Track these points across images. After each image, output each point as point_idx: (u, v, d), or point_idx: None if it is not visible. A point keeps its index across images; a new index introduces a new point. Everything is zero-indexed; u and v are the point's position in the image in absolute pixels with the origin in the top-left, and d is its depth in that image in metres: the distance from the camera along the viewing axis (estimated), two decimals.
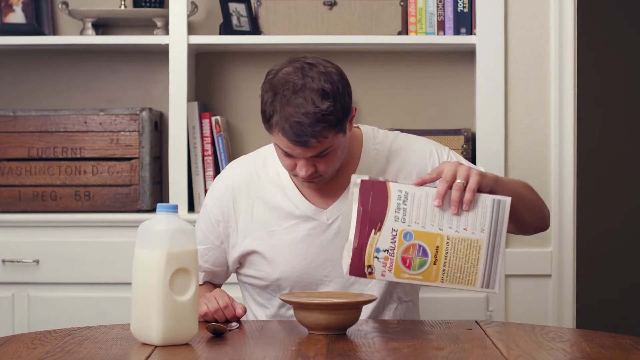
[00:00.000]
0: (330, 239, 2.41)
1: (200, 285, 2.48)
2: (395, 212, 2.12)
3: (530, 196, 2.41)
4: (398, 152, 2.46)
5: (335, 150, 2.32)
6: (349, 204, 2.15)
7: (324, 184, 2.39)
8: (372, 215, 2.11)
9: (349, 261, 2.11)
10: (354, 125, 2.48)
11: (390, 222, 2.11)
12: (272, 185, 2.45)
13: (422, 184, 2.16)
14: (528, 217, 2.39)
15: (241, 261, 2.49)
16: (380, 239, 2.11)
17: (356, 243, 2.11)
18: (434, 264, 2.11)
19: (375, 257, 2.11)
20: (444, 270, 2.12)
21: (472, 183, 2.14)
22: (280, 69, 2.32)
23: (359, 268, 2.11)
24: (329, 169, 2.34)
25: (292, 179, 2.44)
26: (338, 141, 2.31)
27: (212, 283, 2.55)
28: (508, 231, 2.32)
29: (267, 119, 2.30)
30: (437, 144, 2.53)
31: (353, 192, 2.13)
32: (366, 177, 2.13)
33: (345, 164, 2.42)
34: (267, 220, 2.43)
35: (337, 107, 2.26)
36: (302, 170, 2.31)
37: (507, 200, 2.15)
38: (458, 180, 2.14)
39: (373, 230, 2.11)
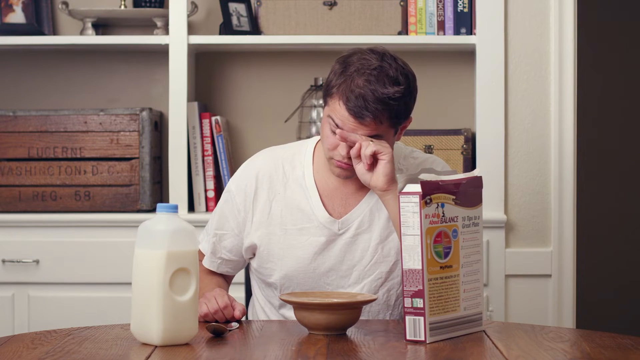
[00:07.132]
0: (338, 249, 2.40)
1: (209, 274, 2.50)
2: None
3: None
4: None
5: None
6: None
7: (351, 178, 2.38)
8: None
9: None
10: None
11: None
12: (295, 184, 2.44)
13: None
14: None
15: (251, 252, 2.48)
16: None
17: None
18: None
19: None
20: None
21: None
22: (356, 50, 2.33)
23: None
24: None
25: (314, 181, 2.43)
26: (388, 136, 2.32)
27: (224, 276, 2.54)
28: None
29: (330, 87, 2.31)
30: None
31: None
32: None
33: None
34: (283, 218, 2.43)
35: (402, 101, 2.29)
36: (343, 150, 2.30)
37: None
38: None
39: None
